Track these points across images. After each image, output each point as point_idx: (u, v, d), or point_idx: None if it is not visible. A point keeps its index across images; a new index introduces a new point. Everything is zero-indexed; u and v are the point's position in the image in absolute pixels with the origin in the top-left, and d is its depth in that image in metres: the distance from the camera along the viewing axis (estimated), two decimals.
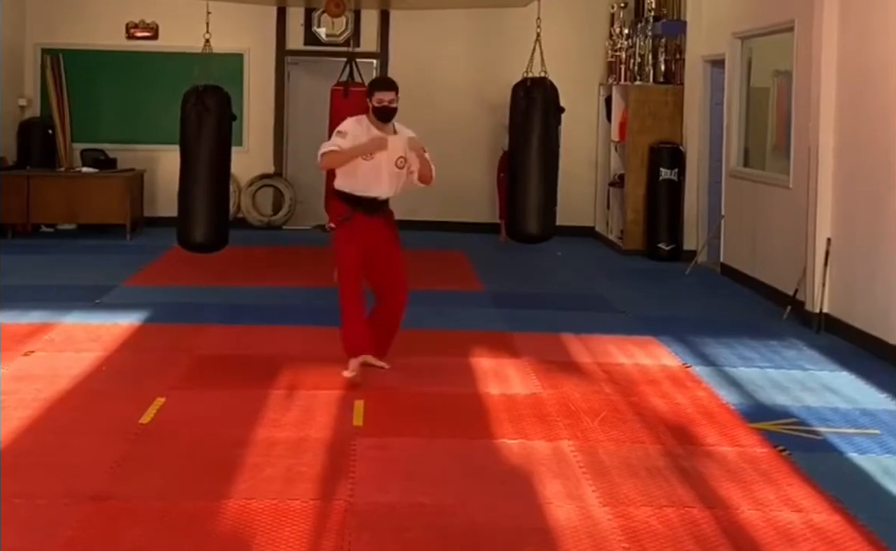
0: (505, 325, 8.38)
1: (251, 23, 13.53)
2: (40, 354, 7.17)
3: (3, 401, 6.05)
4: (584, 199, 13.54)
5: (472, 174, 13.75)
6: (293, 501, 4.73)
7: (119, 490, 4.85)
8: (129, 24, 13.69)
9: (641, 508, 4.79)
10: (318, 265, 10.60)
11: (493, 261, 11.62)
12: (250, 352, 7.37)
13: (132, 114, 13.69)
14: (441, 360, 7.28)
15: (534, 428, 5.86)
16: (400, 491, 4.93)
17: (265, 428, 5.75)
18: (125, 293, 9.40)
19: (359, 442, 5.56)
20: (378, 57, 13.87)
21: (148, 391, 6.29)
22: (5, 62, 12.99)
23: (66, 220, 12.97)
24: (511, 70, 11.14)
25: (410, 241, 12.71)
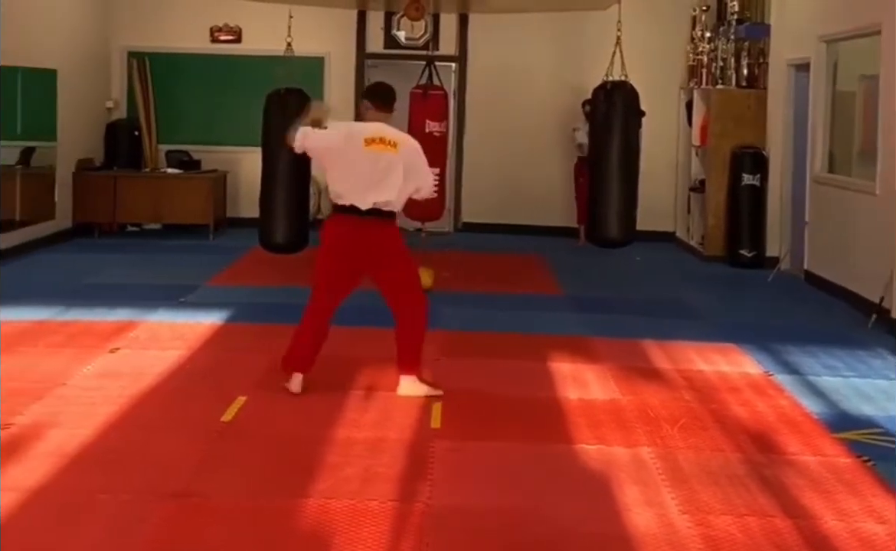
0: (584, 330, 8.34)
1: (332, 26, 13.64)
2: (125, 351, 7.30)
3: (90, 397, 6.18)
4: (664, 204, 13.42)
5: (550, 178, 13.72)
6: (371, 501, 4.75)
7: (201, 487, 4.92)
8: (213, 27, 13.88)
9: (722, 516, 4.73)
10: None
11: (572, 266, 11.57)
12: (329, 352, 7.38)
13: (216, 116, 13.89)
14: (519, 364, 7.26)
15: (612, 434, 5.82)
16: (477, 495, 4.93)
17: (344, 428, 5.80)
18: (208, 292, 9.53)
19: (436, 444, 5.57)
20: (457, 60, 13.90)
21: (230, 389, 6.37)
22: (93, 65, 13.26)
23: (151, 220, 13.20)
24: (591, 74, 11.10)
25: (489, 244, 12.83)
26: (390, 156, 6.28)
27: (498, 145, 13.85)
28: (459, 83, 13.93)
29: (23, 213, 11.32)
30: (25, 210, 11.37)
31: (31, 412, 5.86)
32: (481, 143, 13.91)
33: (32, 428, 5.60)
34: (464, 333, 8.17)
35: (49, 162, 12.11)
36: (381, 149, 6.27)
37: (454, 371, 7.04)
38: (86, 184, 12.73)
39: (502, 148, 13.85)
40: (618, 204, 9.73)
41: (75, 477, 4.99)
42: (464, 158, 13.97)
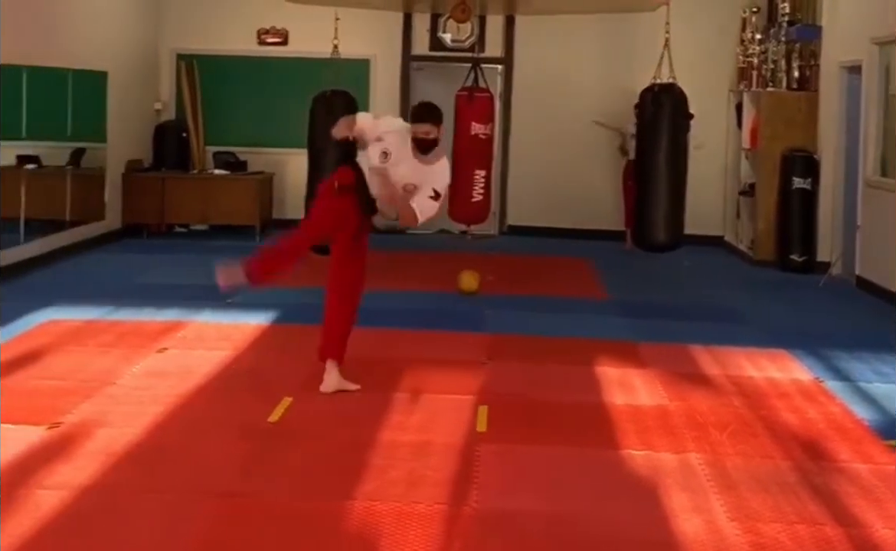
0: (631, 335, 8.28)
1: (378, 28, 13.66)
2: (173, 351, 7.35)
3: (138, 396, 6.22)
4: (713, 208, 13.31)
5: (597, 180, 13.65)
6: (417, 504, 4.74)
7: (248, 487, 4.93)
8: (260, 30, 13.95)
9: (771, 524, 4.67)
10: (442, 269, 10.65)
11: (619, 270, 11.49)
12: (374, 354, 7.42)
13: (262, 117, 13.95)
14: (566, 368, 7.22)
15: (660, 440, 5.77)
16: (523, 499, 4.90)
17: (389, 430, 5.79)
18: (254, 293, 9.55)
19: (482, 447, 5.55)
20: (503, 62, 13.87)
21: (276, 390, 6.39)
22: (142, 67, 13.38)
23: (198, 221, 13.29)
24: (639, 76, 11.05)
25: (535, 247, 12.79)
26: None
27: (544, 148, 13.80)
28: (505, 85, 13.90)
29: (73, 214, 11.43)
30: (75, 211, 11.48)
31: (81, 410, 5.91)
32: (527, 146, 13.87)
33: (81, 426, 5.65)
34: (509, 336, 8.14)
35: (99, 163, 12.22)
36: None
37: (500, 374, 7.02)
38: (135, 186, 12.84)
39: (548, 150, 13.81)
40: (665, 207, 9.68)
41: (123, 475, 5.02)
42: (509, 161, 13.94)
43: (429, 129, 6.30)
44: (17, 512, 4.49)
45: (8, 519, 4.41)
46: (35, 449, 5.27)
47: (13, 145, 10.62)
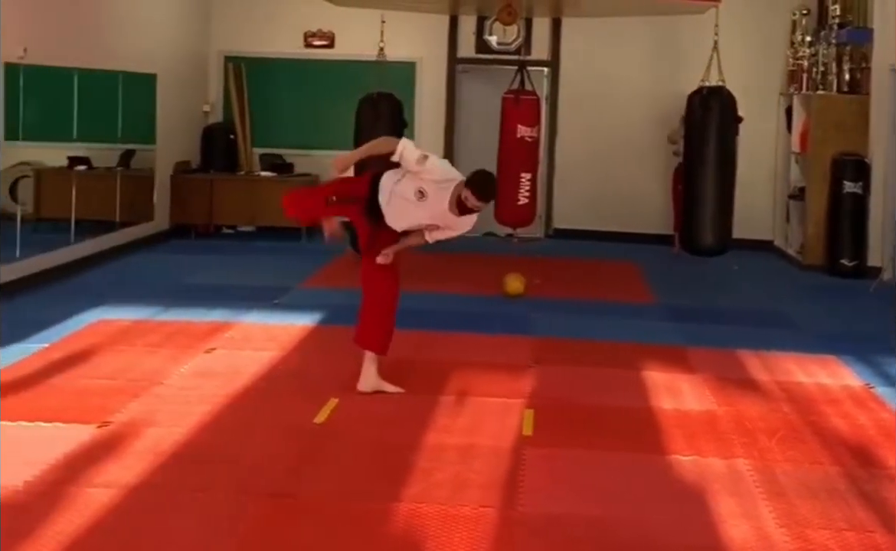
0: (678, 339, 8.22)
1: (424, 31, 13.67)
2: (221, 352, 7.39)
3: (186, 396, 6.27)
4: (762, 212, 13.18)
5: (644, 184, 13.58)
6: (462, 507, 4.74)
7: (294, 488, 4.95)
8: (306, 32, 14.01)
9: (820, 531, 4.62)
10: (488, 272, 10.64)
11: (667, 274, 11.42)
12: (420, 356, 7.43)
13: (309, 120, 14.01)
14: (612, 372, 7.19)
15: (708, 445, 5.73)
16: (570, 503, 4.88)
17: (435, 432, 5.79)
18: (301, 295, 9.62)
19: (528, 451, 5.54)
20: (549, 65, 13.83)
21: (322, 391, 6.41)
22: (191, 69, 13.49)
23: (245, 222, 13.36)
24: (687, 79, 10.97)
25: (581, 251, 12.74)
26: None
27: (590, 151, 13.75)
28: (551, 88, 13.86)
29: (122, 215, 11.54)
30: (125, 211, 11.59)
31: (129, 410, 5.97)
32: (573, 149, 13.82)
33: (130, 425, 5.70)
34: (555, 340, 8.11)
35: (148, 164, 12.34)
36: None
37: (546, 378, 6.99)
38: (183, 187, 12.95)
39: (595, 153, 13.75)
40: (713, 211, 9.61)
41: (171, 474, 5.06)
42: (556, 164, 13.89)
43: (480, 206, 6.17)
44: (67, 509, 4.54)
45: (58, 517, 4.46)
46: (85, 448, 5.32)
47: (64, 147, 10.76)
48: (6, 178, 10.54)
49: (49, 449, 5.25)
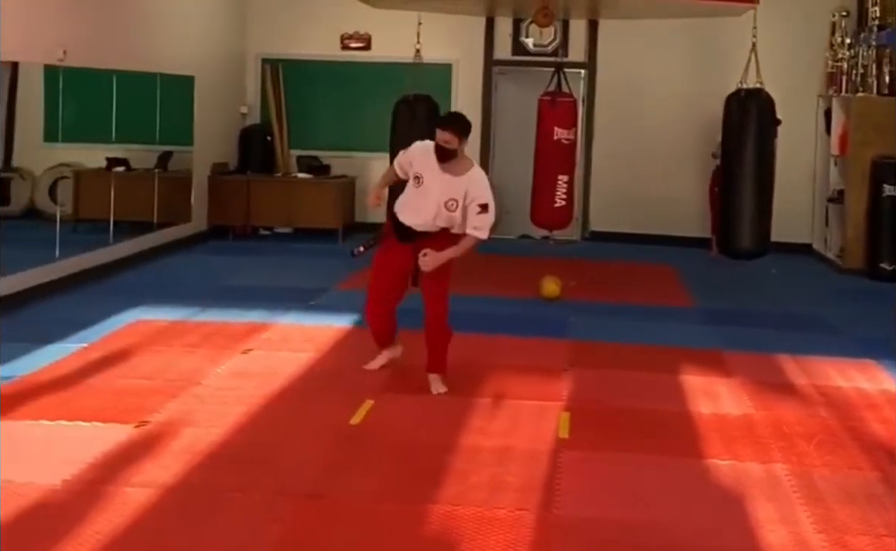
0: (716, 343, 8.17)
1: (460, 33, 13.67)
2: (258, 352, 7.42)
3: (223, 397, 6.30)
4: (800, 215, 13.08)
5: (682, 187, 13.50)
6: (498, 510, 4.73)
7: (330, 488, 4.96)
8: (343, 35, 14.05)
9: (859, 536, 4.59)
10: (524, 274, 10.63)
11: (704, 277, 11.35)
12: (456, 358, 7.40)
13: (345, 122, 14.05)
14: (649, 376, 7.16)
15: (745, 450, 5.69)
16: (606, 507, 4.86)
17: (471, 435, 5.79)
18: (337, 296, 9.64)
19: (564, 454, 5.52)
20: (586, 67, 13.79)
21: (358, 393, 6.43)
22: (228, 71, 13.57)
23: (282, 224, 13.43)
24: (725, 80, 10.90)
25: (617, 253, 12.69)
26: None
27: (627, 153, 13.70)
28: (588, 90, 13.82)
29: (160, 216, 11.62)
30: (163, 212, 11.67)
31: (167, 410, 6.00)
32: (610, 151, 13.78)
33: (168, 425, 5.74)
34: (592, 343, 8.09)
35: (186, 166, 12.41)
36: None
37: (582, 381, 6.97)
38: (220, 188, 13.02)
39: (632, 155, 13.69)
40: (751, 214, 9.55)
41: (208, 474, 5.08)
42: (592, 166, 13.85)
43: (449, 138, 6.29)
44: (105, 509, 4.57)
45: (96, 516, 4.49)
46: (123, 448, 5.36)
47: (103, 148, 10.85)
48: (46, 179, 10.65)
49: (87, 448, 5.29)
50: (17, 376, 6.54)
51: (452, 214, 6.38)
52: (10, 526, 4.39)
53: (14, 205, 10.27)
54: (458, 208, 6.36)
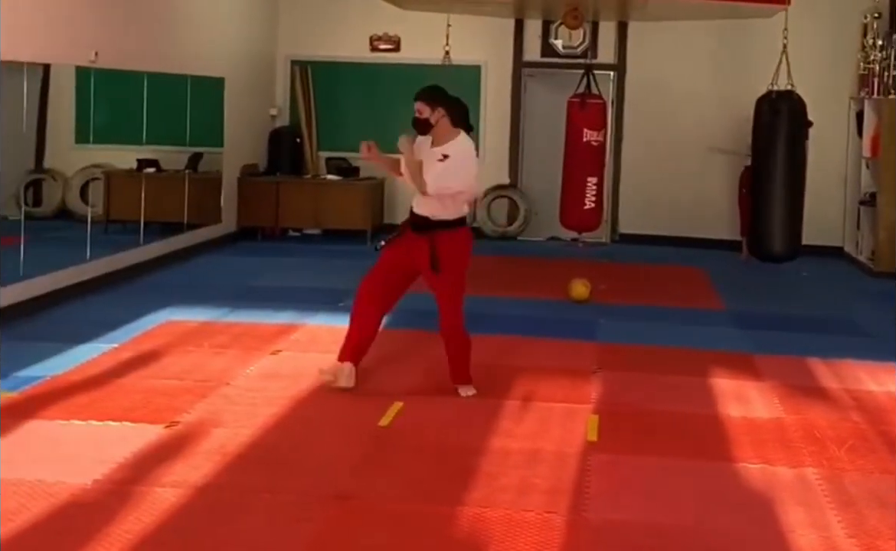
0: (746, 346, 8.13)
1: (489, 35, 13.67)
2: (287, 353, 7.45)
3: (252, 397, 6.32)
4: (832, 218, 12.98)
5: (712, 189, 13.44)
6: (527, 512, 4.72)
7: (358, 490, 4.97)
8: (372, 36, 14.07)
9: (890, 542, 4.54)
10: (553, 277, 10.61)
11: (735, 280, 11.29)
12: (485, 360, 7.41)
13: (374, 123, 14.02)
14: (679, 379, 7.13)
15: (776, 454, 5.65)
16: (635, 510, 4.84)
17: (499, 437, 5.78)
18: None
19: (593, 457, 5.50)
20: (615, 69, 13.76)
21: (387, 394, 6.44)
22: (258, 73, 13.62)
23: (311, 225, 13.46)
24: (755, 83, 10.84)
25: (647, 256, 12.65)
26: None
27: (657, 155, 13.65)
28: (618, 92, 13.78)
29: (190, 217, 11.68)
30: (193, 214, 11.72)
31: (197, 410, 6.03)
32: (640, 153, 13.73)
33: (198, 425, 5.76)
34: (621, 346, 8.06)
35: (216, 167, 12.47)
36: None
37: (611, 384, 6.95)
38: (250, 190, 13.07)
39: (661, 157, 13.64)
40: (782, 217, 9.50)
41: (238, 475, 5.10)
42: (621, 168, 13.81)
43: (420, 107, 6.42)
44: (135, 508, 4.59)
45: (127, 516, 4.51)
46: (153, 448, 5.39)
47: (134, 149, 10.91)
48: (77, 181, 10.73)
49: (118, 448, 5.32)
50: (48, 376, 6.59)
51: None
52: (41, 525, 4.42)
53: (46, 207, 10.37)
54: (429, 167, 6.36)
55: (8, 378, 6.50)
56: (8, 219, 9.06)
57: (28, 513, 4.49)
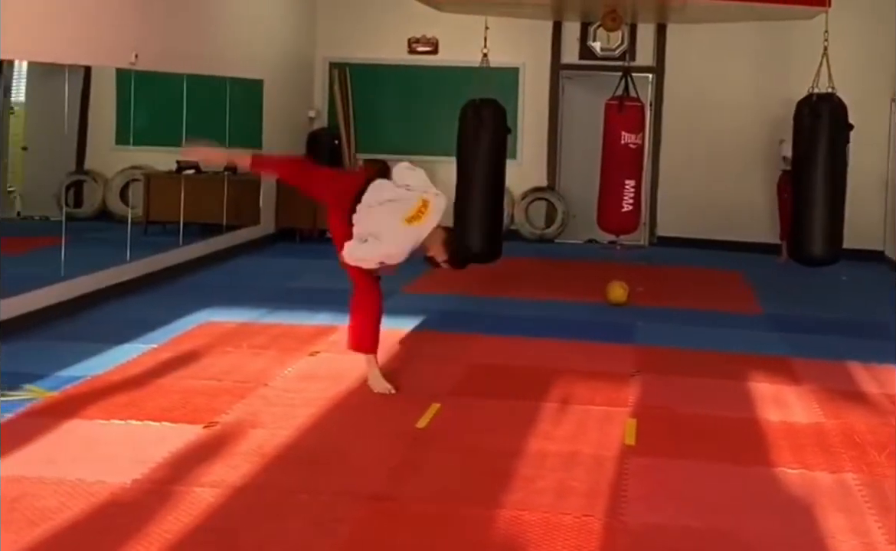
0: (785, 350, 8.07)
1: (527, 37, 13.66)
2: (324, 355, 7.48)
3: (290, 399, 6.34)
4: (873, 222, 12.86)
5: (751, 192, 13.36)
6: (564, 516, 4.71)
7: (397, 491, 4.97)
8: (410, 39, 14.10)
9: None
10: (590, 279, 10.58)
11: (773, 283, 11.21)
12: (522, 363, 7.42)
13: (412, 125, 14.10)
14: (717, 382, 7.09)
15: (815, 459, 5.61)
16: (673, 514, 4.82)
17: (537, 440, 5.77)
18: (403, 299, 9.65)
19: (631, 461, 5.48)
20: (654, 71, 13.71)
21: (424, 396, 6.45)
22: (297, 75, 13.68)
23: None
24: (795, 85, 10.75)
25: (685, 259, 12.59)
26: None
27: (695, 158, 13.59)
28: (656, 94, 13.73)
29: (229, 218, 11.74)
30: (232, 215, 11.79)
31: (235, 410, 6.06)
32: (678, 156, 13.68)
33: (236, 426, 5.79)
34: (658, 349, 8.03)
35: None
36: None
37: (649, 387, 6.93)
38: (288, 191, 13.08)
39: (700, 160, 13.58)
40: (822, 220, 9.40)
41: (276, 475, 5.12)
42: (660, 171, 13.77)
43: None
44: (174, 508, 4.62)
45: (166, 516, 4.54)
46: (192, 448, 5.42)
47: (173, 151, 10.98)
48: (117, 182, 10.83)
49: (157, 448, 5.36)
50: (88, 376, 6.65)
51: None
52: (81, 524, 4.45)
53: (86, 208, 10.47)
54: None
55: (49, 377, 6.57)
56: (49, 220, 9.16)
57: (68, 512, 4.53)
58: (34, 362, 6.91)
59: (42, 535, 4.29)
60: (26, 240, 9.13)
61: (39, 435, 5.49)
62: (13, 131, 9.48)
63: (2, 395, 6.12)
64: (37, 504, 4.59)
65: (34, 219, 9.54)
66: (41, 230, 9.34)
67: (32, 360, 6.96)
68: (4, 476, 4.89)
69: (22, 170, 9.76)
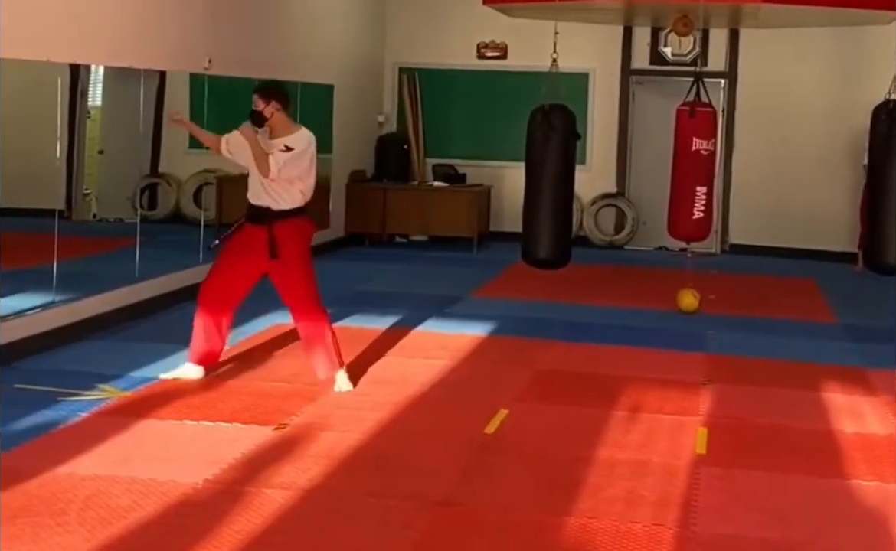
0: (860, 361, 7.93)
1: (597, 42, 13.59)
2: (393, 359, 7.49)
3: (358, 402, 6.37)
4: None
5: (827, 200, 13.15)
6: (634, 524, 4.67)
7: (463, 497, 4.97)
8: (479, 44, 14.09)
9: None
10: (661, 287, 10.49)
11: (849, 293, 11.03)
12: (592, 370, 7.37)
13: (481, 131, 14.09)
14: (790, 392, 6.98)
15: (891, 471, 5.50)
16: (745, 525, 4.76)
17: (606, 447, 5.73)
18: (472, 304, 9.67)
19: (702, 470, 5.42)
20: (726, 77, 13.56)
21: (492, 402, 6.43)
22: (366, 80, 13.75)
23: (417, 232, 13.53)
24: (872, 90, 10.56)
25: (758, 267, 12.43)
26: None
27: (769, 164, 13.41)
28: (728, 100, 13.58)
29: None
30: None
31: (305, 413, 6.10)
32: (751, 162, 13.51)
33: (305, 428, 5.83)
34: (730, 358, 7.94)
35: (325, 173, 12.57)
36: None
37: (721, 396, 6.85)
38: (358, 196, 13.20)
39: (774, 167, 13.40)
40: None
41: (345, 479, 5.14)
42: (732, 177, 13.61)
43: (256, 100, 6.56)
44: (245, 509, 4.66)
45: (236, 516, 4.58)
46: (262, 450, 5.46)
47: None
48: (190, 185, 10.96)
49: (228, 449, 5.41)
50: (162, 376, 6.74)
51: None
52: (153, 523, 4.51)
53: (160, 210, 10.61)
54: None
55: (123, 378, 6.67)
56: (124, 222, 9.30)
57: (141, 511, 4.59)
58: (109, 362, 7.02)
59: (114, 534, 4.35)
60: (101, 241, 9.29)
61: (113, 435, 5.57)
62: (89, 135, 9.64)
63: (77, 395, 6.22)
64: (110, 502, 4.65)
65: (109, 222, 9.69)
66: (116, 232, 9.48)
67: (107, 361, 7.08)
68: (79, 474, 4.96)
69: (97, 174, 9.92)
